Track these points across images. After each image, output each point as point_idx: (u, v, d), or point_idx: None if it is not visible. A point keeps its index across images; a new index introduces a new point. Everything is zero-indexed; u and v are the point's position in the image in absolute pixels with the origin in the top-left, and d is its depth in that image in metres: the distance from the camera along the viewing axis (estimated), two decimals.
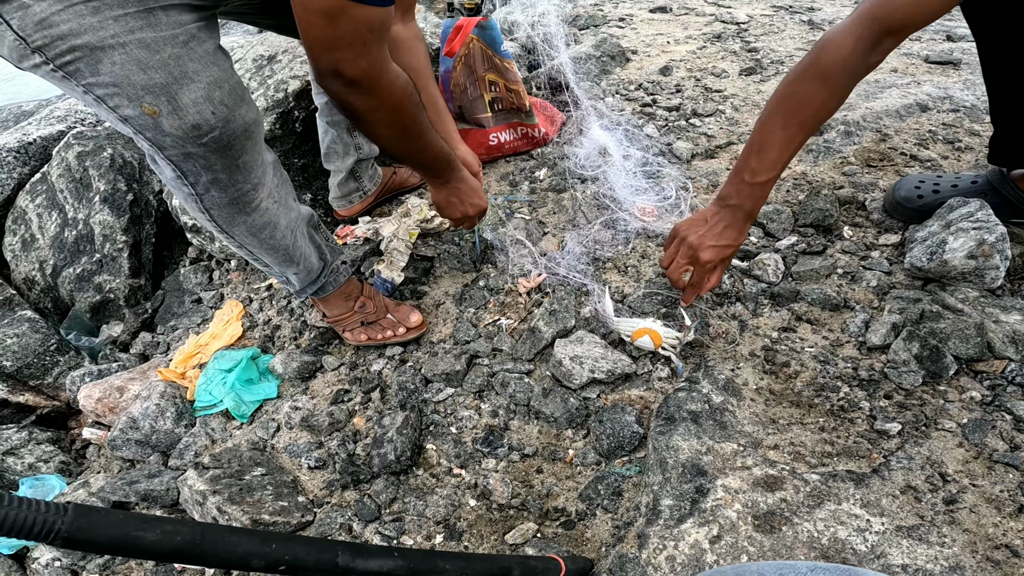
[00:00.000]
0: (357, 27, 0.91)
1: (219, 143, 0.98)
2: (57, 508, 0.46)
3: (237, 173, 1.06)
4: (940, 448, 1.02)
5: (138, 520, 0.50)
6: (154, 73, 0.89)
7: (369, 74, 0.97)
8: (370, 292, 1.51)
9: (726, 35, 2.62)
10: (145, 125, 0.93)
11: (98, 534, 0.47)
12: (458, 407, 1.36)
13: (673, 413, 1.13)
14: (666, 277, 1.21)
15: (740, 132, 1.92)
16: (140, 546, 0.49)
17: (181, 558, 0.52)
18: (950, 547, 0.87)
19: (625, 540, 1.01)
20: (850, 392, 1.14)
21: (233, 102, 0.98)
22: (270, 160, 1.17)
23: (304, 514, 1.25)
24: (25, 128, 2.35)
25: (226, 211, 1.12)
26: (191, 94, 0.92)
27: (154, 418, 1.52)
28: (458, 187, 1.35)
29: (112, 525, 0.49)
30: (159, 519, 0.51)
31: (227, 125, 0.97)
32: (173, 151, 0.98)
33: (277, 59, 1.95)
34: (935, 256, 1.25)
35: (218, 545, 0.53)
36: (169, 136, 0.94)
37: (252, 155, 1.06)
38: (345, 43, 0.92)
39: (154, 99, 0.90)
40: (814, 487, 0.97)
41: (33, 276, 2.13)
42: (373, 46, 0.95)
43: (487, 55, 1.84)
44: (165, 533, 0.51)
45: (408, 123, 1.11)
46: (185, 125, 0.93)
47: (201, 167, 1.01)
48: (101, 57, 0.86)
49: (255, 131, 1.05)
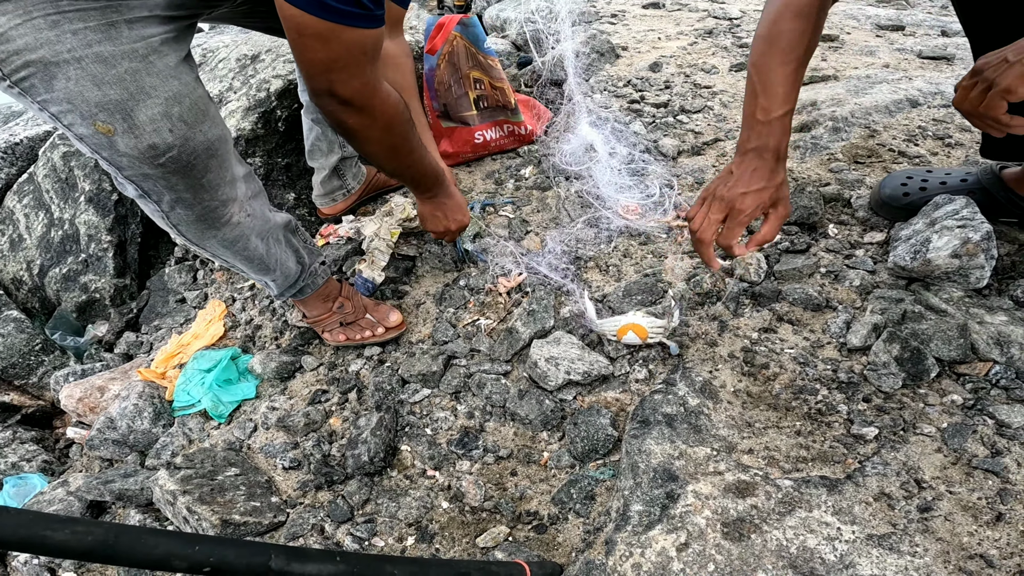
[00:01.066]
0: (350, 50, 0.92)
1: (178, 163, 0.95)
2: None
3: (202, 192, 1.03)
4: (917, 453, 0.99)
5: (49, 520, 0.51)
6: (109, 89, 0.86)
7: (363, 94, 0.99)
8: (349, 292, 1.49)
9: (718, 31, 2.59)
10: (100, 144, 0.91)
11: (6, 533, 0.49)
12: (434, 408, 1.34)
13: (648, 416, 1.11)
14: (695, 242, 1.12)
15: (728, 128, 1.89)
16: (49, 545, 0.51)
17: (95, 558, 0.52)
18: (921, 557, 0.85)
19: (593, 546, 0.99)
20: (828, 395, 1.12)
21: (193, 118, 0.94)
22: (241, 174, 1.13)
23: (277, 515, 1.24)
24: (12, 129, 2.35)
25: (195, 227, 1.09)
26: (148, 111, 0.89)
27: (131, 418, 1.52)
28: (444, 202, 1.38)
29: (22, 524, 0.50)
30: (72, 519, 0.51)
31: (186, 144, 0.94)
32: (130, 171, 0.95)
33: (260, 58, 1.94)
34: (919, 255, 1.22)
35: (135, 546, 0.54)
36: (125, 156, 0.92)
37: (217, 173, 1.03)
38: (339, 65, 0.94)
39: (108, 117, 0.87)
40: (786, 493, 0.95)
41: (21, 276, 2.13)
42: (366, 67, 0.97)
43: (471, 52, 1.82)
44: (75, 533, 0.52)
45: (398, 141, 1.13)
46: (141, 145, 0.90)
47: (163, 187, 0.99)
48: (55, 72, 0.84)
49: (219, 148, 1.01)
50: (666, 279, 1.41)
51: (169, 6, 0.92)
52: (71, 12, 0.82)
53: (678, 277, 1.41)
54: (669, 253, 1.47)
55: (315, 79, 0.96)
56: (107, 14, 0.85)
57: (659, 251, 1.49)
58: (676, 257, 1.45)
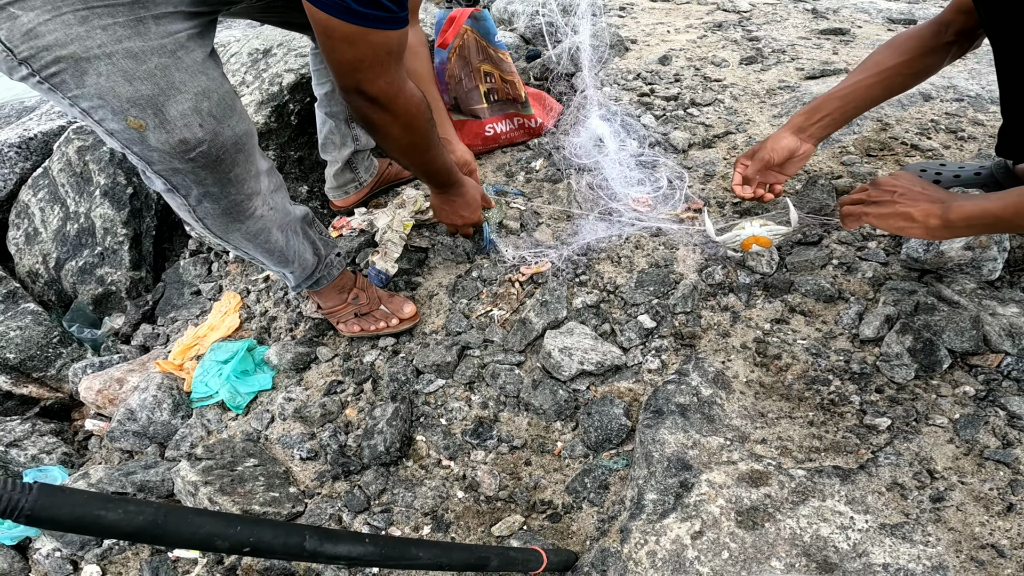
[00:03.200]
0: (376, 51, 0.97)
1: (207, 158, 0.96)
2: (24, 487, 0.47)
3: (229, 186, 1.04)
4: (930, 444, 1.00)
5: (101, 500, 0.51)
6: (140, 84, 0.87)
7: (387, 92, 1.04)
8: (363, 284, 1.51)
9: (727, 24, 2.58)
10: (131, 139, 0.92)
11: (62, 512, 0.48)
12: (448, 398, 1.36)
13: (661, 406, 1.12)
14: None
15: (739, 121, 1.89)
16: (103, 525, 0.50)
17: (144, 538, 0.52)
18: (934, 546, 0.86)
19: (608, 534, 1.01)
20: (841, 386, 1.13)
21: (222, 113, 0.96)
22: (264, 168, 1.15)
23: (295, 505, 1.26)
24: (26, 123, 2.37)
25: (220, 220, 1.11)
26: (178, 106, 0.90)
27: (151, 409, 1.54)
28: (454, 199, 1.43)
29: (76, 504, 0.49)
30: (123, 499, 0.51)
31: (215, 138, 0.95)
32: (160, 166, 0.96)
33: (272, 52, 1.95)
34: (932, 247, 1.23)
35: (181, 525, 0.54)
36: (156, 151, 0.93)
37: (244, 167, 1.05)
38: (365, 65, 0.98)
39: (140, 112, 0.88)
40: (799, 483, 0.96)
41: (37, 269, 2.15)
42: (391, 66, 1.01)
43: (481, 46, 1.82)
44: (127, 513, 0.51)
45: (418, 138, 1.17)
46: (172, 140, 0.91)
47: (191, 181, 1.00)
48: (86, 68, 0.84)
49: (246, 142, 1.02)
50: (678, 270, 1.42)
51: (193, 2, 0.93)
52: (99, 8, 0.83)
53: (690, 268, 1.42)
54: (681, 244, 1.48)
55: (343, 78, 1.00)
56: (134, 10, 0.86)
57: (671, 242, 1.50)
58: (688, 248, 1.46)
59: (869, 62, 1.25)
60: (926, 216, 1.01)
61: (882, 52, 1.25)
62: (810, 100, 1.87)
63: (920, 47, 1.20)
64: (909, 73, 1.22)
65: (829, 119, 1.26)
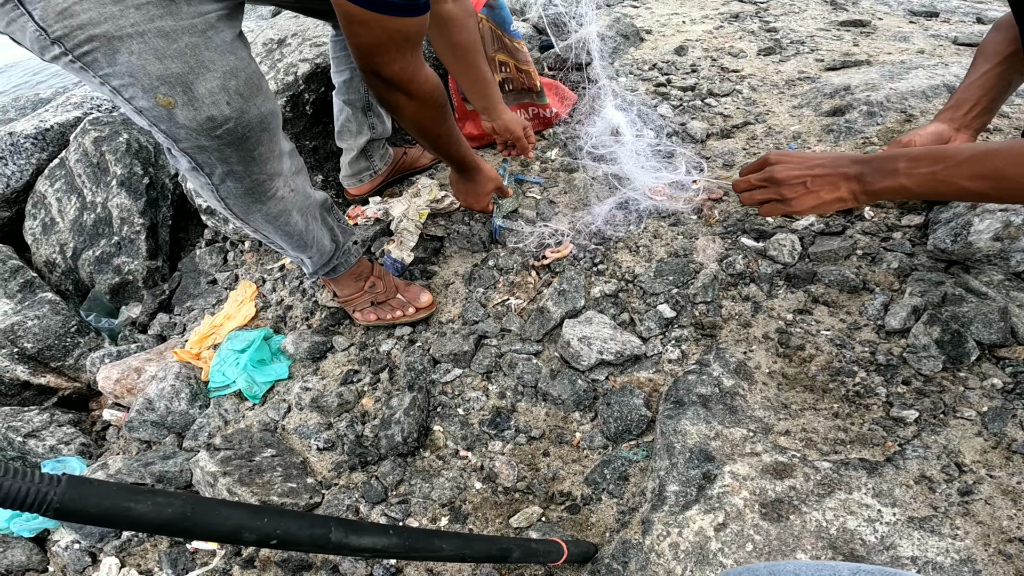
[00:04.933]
0: (392, 36, 1.01)
1: (233, 135, 0.98)
2: (51, 479, 0.46)
3: (253, 165, 1.06)
4: (958, 437, 0.99)
5: (130, 492, 0.50)
6: (170, 62, 0.88)
7: (401, 76, 1.07)
8: (380, 272, 1.50)
9: (744, 15, 2.54)
10: (159, 117, 0.93)
11: (90, 504, 0.47)
12: (466, 388, 1.35)
13: (682, 396, 1.11)
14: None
15: (758, 112, 1.86)
16: (131, 517, 0.49)
17: (171, 530, 0.51)
18: (962, 539, 0.84)
19: (629, 526, 1.00)
20: (867, 377, 1.11)
21: (249, 92, 0.97)
22: (287, 149, 1.17)
23: (312, 496, 1.26)
24: (42, 115, 2.38)
25: (242, 200, 1.12)
26: (207, 84, 0.92)
27: (169, 399, 1.54)
28: (466, 183, 1.47)
29: (104, 496, 0.48)
30: (151, 491, 0.51)
31: (242, 116, 0.97)
32: (187, 144, 0.98)
33: (287, 43, 1.94)
34: (959, 238, 1.20)
35: (208, 517, 0.53)
36: (183, 128, 0.94)
37: (268, 146, 1.06)
38: (382, 49, 1.02)
39: (169, 89, 0.90)
40: (825, 475, 0.94)
41: (54, 259, 2.16)
42: (407, 52, 1.05)
43: (497, 35, 1.80)
44: (156, 504, 0.50)
45: (429, 121, 1.22)
46: (200, 117, 0.93)
47: (216, 159, 1.01)
48: (119, 47, 0.86)
49: (271, 122, 1.04)
50: (697, 259, 1.40)
51: None
52: None
53: (710, 258, 1.40)
54: (700, 234, 1.46)
55: (362, 60, 1.04)
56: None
57: (689, 232, 1.48)
58: (708, 238, 1.44)
59: (988, 51, 1.24)
60: (852, 195, 1.04)
61: (993, 41, 1.24)
62: (831, 90, 1.85)
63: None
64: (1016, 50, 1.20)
65: (980, 108, 1.25)
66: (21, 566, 1.35)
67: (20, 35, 0.87)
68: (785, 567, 0.44)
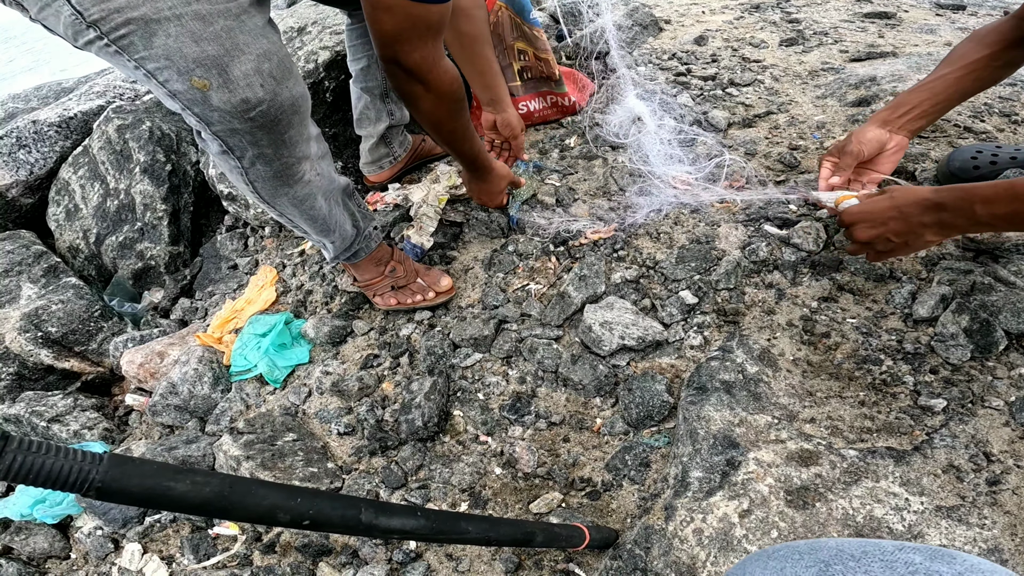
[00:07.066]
0: (415, 24, 1.02)
1: (266, 117, 0.98)
2: (93, 457, 0.45)
3: (283, 148, 1.06)
4: (986, 427, 0.97)
5: (171, 470, 0.50)
6: (207, 45, 0.89)
7: (421, 66, 1.08)
8: (400, 257, 1.51)
9: (765, 5, 2.51)
10: (194, 100, 0.93)
11: (132, 484, 0.47)
12: (486, 373, 1.35)
13: (705, 383, 1.10)
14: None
15: (780, 102, 1.84)
16: (171, 497, 0.49)
17: (210, 510, 0.51)
18: (989, 529, 0.83)
19: (652, 512, 1.00)
20: (893, 366, 1.09)
21: (281, 75, 0.97)
22: (314, 133, 1.17)
23: (333, 480, 1.27)
24: (65, 103, 2.40)
25: (270, 184, 1.13)
26: (241, 67, 0.92)
27: (192, 383, 1.56)
28: (479, 182, 1.49)
29: (146, 475, 0.48)
30: (190, 470, 0.51)
31: (275, 99, 0.97)
32: (220, 127, 0.98)
33: (307, 31, 1.94)
34: None
35: (246, 497, 0.53)
36: (217, 111, 0.95)
37: (298, 129, 1.07)
38: (404, 37, 1.03)
39: (205, 72, 0.90)
40: (851, 463, 0.93)
41: (77, 244, 2.19)
42: (428, 40, 1.06)
43: (516, 23, 1.79)
44: (195, 484, 0.50)
45: (445, 115, 1.22)
46: (234, 99, 0.93)
47: (247, 142, 1.02)
48: (156, 30, 0.86)
49: (302, 105, 1.05)
50: (720, 246, 1.39)
51: None
52: None
53: (732, 245, 1.38)
54: (722, 221, 1.45)
55: (383, 47, 1.05)
56: None
57: (711, 219, 1.47)
58: (730, 225, 1.43)
59: (954, 56, 1.25)
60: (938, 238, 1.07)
61: (965, 46, 1.24)
62: (856, 80, 1.82)
63: (1002, 40, 1.19)
64: (996, 65, 1.21)
65: (918, 111, 1.24)
66: (44, 553, 1.36)
67: (53, 21, 0.87)
68: (827, 543, 0.44)
